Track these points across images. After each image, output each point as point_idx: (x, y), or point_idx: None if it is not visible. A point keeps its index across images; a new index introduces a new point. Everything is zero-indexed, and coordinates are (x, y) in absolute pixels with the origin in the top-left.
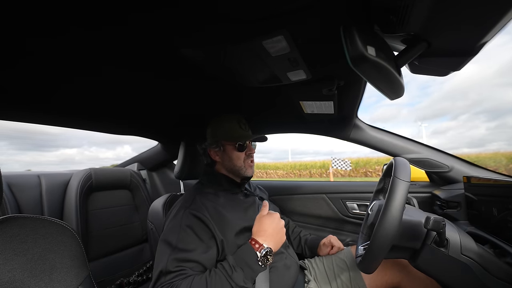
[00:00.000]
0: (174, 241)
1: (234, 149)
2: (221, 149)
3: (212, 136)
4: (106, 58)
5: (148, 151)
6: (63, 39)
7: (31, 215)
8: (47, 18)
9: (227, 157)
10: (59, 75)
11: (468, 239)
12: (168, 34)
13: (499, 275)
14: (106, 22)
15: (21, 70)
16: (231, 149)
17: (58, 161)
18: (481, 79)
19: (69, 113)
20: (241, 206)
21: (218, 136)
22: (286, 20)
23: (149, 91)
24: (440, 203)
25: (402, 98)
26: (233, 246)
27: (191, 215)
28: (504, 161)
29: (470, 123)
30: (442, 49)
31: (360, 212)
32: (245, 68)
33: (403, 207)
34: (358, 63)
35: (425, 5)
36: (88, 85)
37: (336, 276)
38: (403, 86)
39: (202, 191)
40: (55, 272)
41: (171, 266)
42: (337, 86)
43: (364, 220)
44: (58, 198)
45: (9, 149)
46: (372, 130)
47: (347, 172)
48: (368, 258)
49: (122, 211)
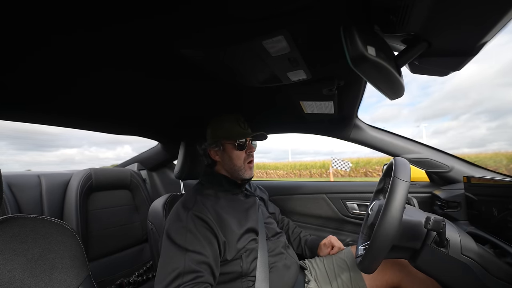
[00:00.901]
0: (183, 243)
1: (234, 148)
2: (221, 148)
3: (212, 136)
4: (107, 59)
5: (148, 151)
6: (63, 39)
7: (31, 215)
8: (48, 18)
9: (227, 156)
10: (60, 75)
11: (468, 239)
12: (168, 35)
13: (499, 275)
14: (106, 23)
15: (21, 70)
16: (231, 148)
17: (58, 161)
18: (482, 79)
19: (69, 113)
20: (241, 208)
21: (217, 135)
22: (286, 20)
23: (149, 91)
24: (440, 203)
25: (402, 98)
26: (233, 249)
27: (195, 217)
28: (504, 161)
29: (471, 123)
30: (442, 49)
31: (360, 212)
32: (245, 68)
33: (403, 207)
34: (358, 63)
35: (425, 5)
36: (89, 85)
37: (337, 276)
38: (403, 86)
39: (202, 192)
40: (55, 272)
41: (189, 268)
42: (337, 86)
43: (364, 220)
44: (58, 198)
45: (9, 149)
46: (372, 130)
47: (347, 172)
48: (368, 258)
49: (122, 211)
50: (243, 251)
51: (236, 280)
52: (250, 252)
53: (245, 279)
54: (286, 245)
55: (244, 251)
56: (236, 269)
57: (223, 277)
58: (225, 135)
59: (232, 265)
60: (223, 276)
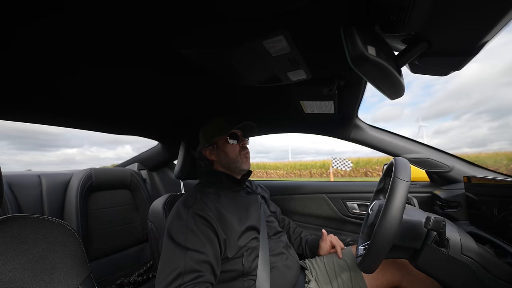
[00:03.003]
0: (183, 242)
1: (226, 142)
2: (214, 146)
3: (204, 137)
4: (107, 59)
5: (148, 151)
6: (63, 39)
7: (31, 215)
8: (48, 19)
9: (222, 152)
10: (60, 75)
11: (469, 239)
12: (169, 35)
13: (499, 275)
14: (107, 23)
15: (21, 70)
16: (223, 143)
17: (59, 161)
18: (485, 78)
19: (69, 113)
20: (242, 205)
21: (208, 136)
22: (287, 20)
23: (150, 91)
24: (440, 203)
25: (404, 98)
26: (234, 246)
27: (196, 215)
28: (504, 160)
29: (473, 123)
30: (442, 49)
31: (361, 212)
32: (245, 68)
33: (403, 207)
34: (359, 63)
35: (426, 5)
36: (89, 85)
37: (337, 275)
38: (404, 86)
39: (203, 191)
40: (55, 272)
41: (189, 267)
42: (337, 86)
43: (364, 220)
44: (58, 198)
45: (9, 149)
46: (373, 130)
47: (347, 172)
48: (369, 258)
49: (122, 211)
50: (244, 249)
51: (238, 278)
52: (251, 251)
53: (246, 278)
54: (288, 245)
55: (246, 249)
56: (238, 268)
57: (224, 276)
58: (216, 133)
59: (233, 263)
60: (224, 274)
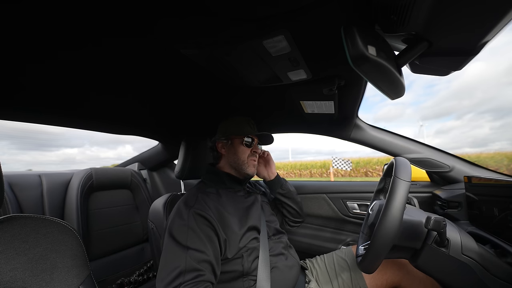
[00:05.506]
0: (184, 241)
1: (241, 144)
2: (229, 142)
3: (223, 130)
4: (107, 58)
5: (148, 151)
6: (62, 39)
7: (32, 215)
8: (48, 19)
9: (233, 150)
10: (60, 75)
11: (469, 239)
12: (169, 35)
13: (500, 275)
14: (106, 23)
15: (21, 70)
16: (238, 143)
17: (59, 161)
18: (488, 78)
19: (70, 113)
20: (243, 206)
21: (228, 130)
22: (287, 20)
23: (150, 91)
24: (440, 203)
25: (406, 97)
26: (234, 247)
27: (197, 215)
28: (505, 161)
29: (475, 123)
30: (443, 49)
31: (361, 212)
32: (246, 68)
33: (403, 207)
34: (359, 63)
35: (426, 5)
36: (89, 85)
37: (337, 275)
38: (404, 86)
39: (204, 191)
40: (56, 272)
41: (190, 266)
42: (338, 86)
43: (364, 220)
44: (59, 197)
45: (10, 148)
46: (373, 130)
47: (347, 171)
48: (369, 258)
49: (122, 211)
50: (244, 250)
51: (238, 279)
52: (251, 251)
53: (246, 278)
54: (288, 245)
55: (246, 250)
56: (237, 268)
57: (224, 276)
58: (235, 131)
59: (233, 264)
60: (224, 275)
